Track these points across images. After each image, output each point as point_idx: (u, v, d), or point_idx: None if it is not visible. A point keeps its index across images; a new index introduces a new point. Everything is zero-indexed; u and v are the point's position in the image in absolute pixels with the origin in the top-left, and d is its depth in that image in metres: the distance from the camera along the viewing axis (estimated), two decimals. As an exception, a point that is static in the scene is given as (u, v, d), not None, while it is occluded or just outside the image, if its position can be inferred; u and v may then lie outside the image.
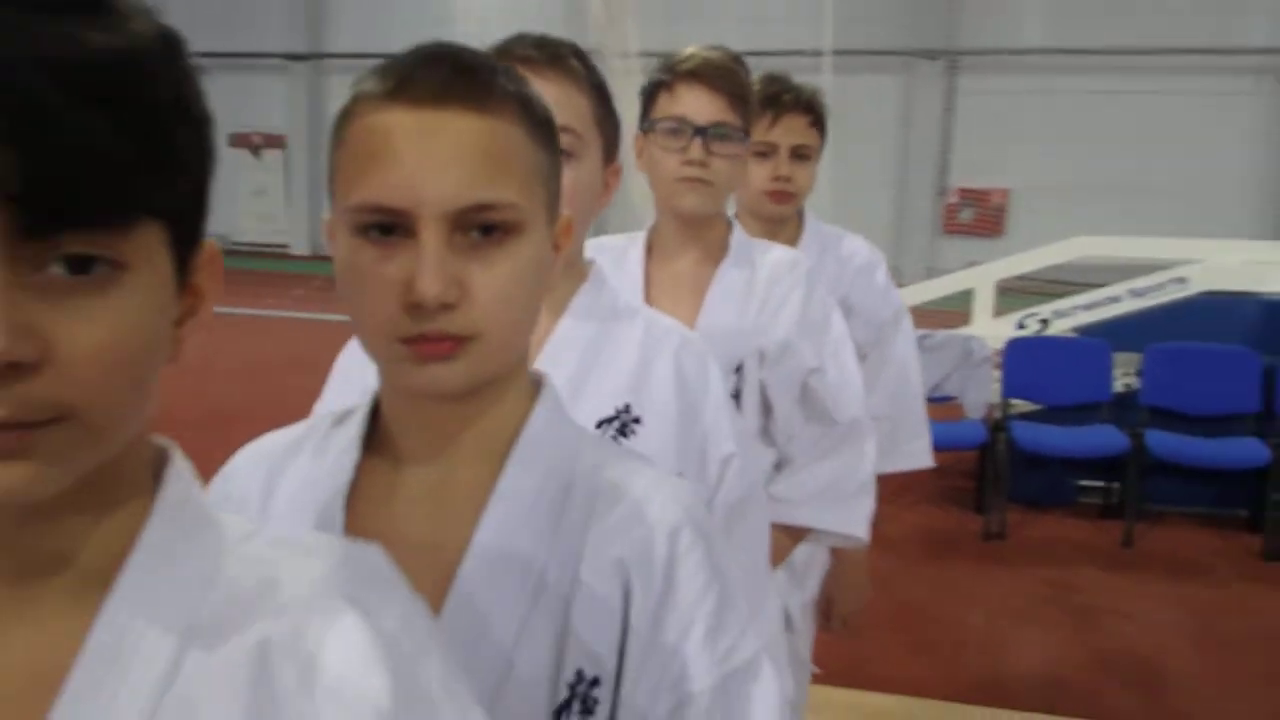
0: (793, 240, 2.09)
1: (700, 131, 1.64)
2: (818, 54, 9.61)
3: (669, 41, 7.71)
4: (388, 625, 0.62)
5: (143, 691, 0.57)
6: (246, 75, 17.05)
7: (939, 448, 2.39)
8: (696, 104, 1.65)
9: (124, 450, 0.59)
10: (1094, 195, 13.57)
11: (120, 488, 0.61)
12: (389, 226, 0.79)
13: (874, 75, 14.49)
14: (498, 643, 0.81)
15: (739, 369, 1.70)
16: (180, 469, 0.64)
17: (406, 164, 0.78)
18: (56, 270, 0.52)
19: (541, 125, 0.85)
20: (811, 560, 2.04)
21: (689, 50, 1.73)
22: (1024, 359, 5.39)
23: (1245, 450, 5.02)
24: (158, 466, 0.64)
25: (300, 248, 17.53)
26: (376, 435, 0.90)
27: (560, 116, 0.94)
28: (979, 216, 14.65)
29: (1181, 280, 5.73)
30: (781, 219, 2.11)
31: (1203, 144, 13.70)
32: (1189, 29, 13.57)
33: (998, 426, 5.20)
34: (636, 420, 1.24)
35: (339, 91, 1.86)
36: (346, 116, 0.83)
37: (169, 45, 0.56)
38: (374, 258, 0.80)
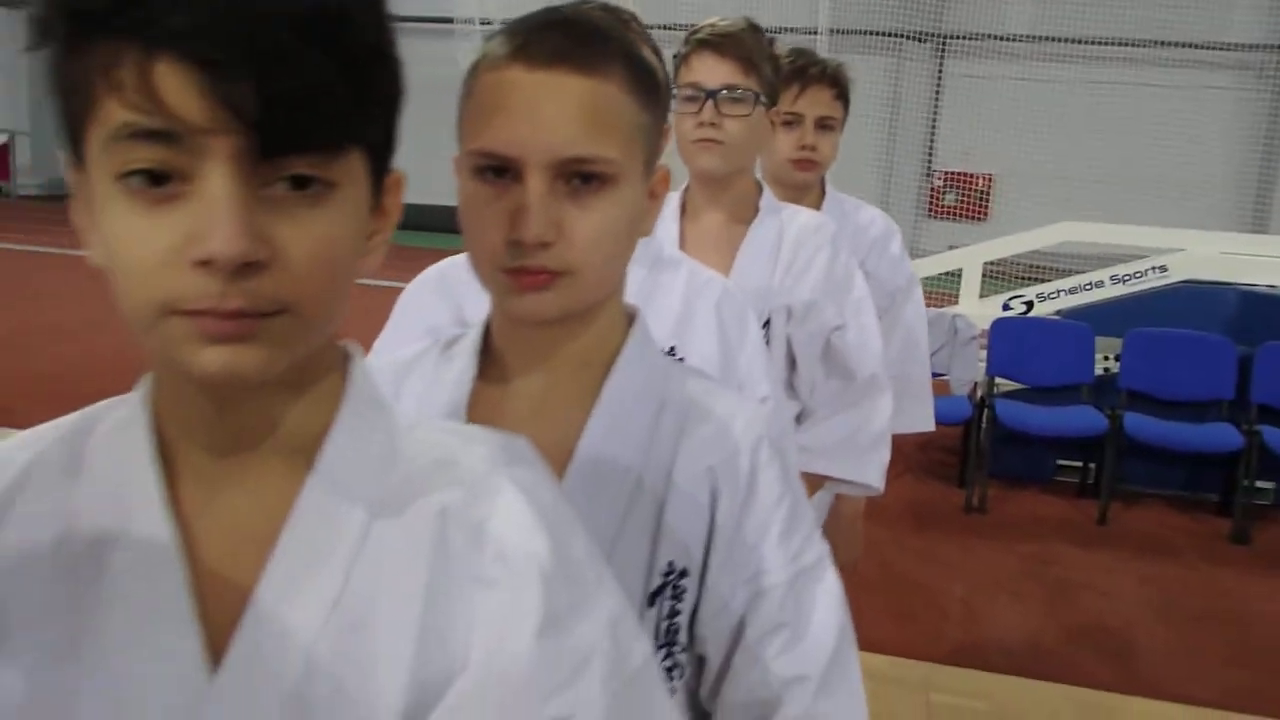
0: (814, 208, 2.18)
1: (711, 95, 1.73)
2: (812, 32, 9.67)
3: (668, 16, 7.82)
4: (544, 500, 0.71)
5: (341, 552, 0.67)
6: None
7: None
8: (706, 70, 1.74)
9: (322, 343, 0.68)
10: (1076, 183, 13.74)
11: (317, 375, 0.70)
12: (501, 170, 0.90)
13: (863, 56, 14.57)
14: (600, 536, 0.90)
15: (766, 324, 1.80)
16: (362, 364, 0.73)
17: (519, 119, 0.88)
18: (281, 187, 0.61)
19: (645, 86, 0.94)
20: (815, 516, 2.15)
21: (705, 22, 1.82)
22: (1009, 339, 5.51)
23: (1218, 435, 5.17)
24: (344, 362, 0.73)
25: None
26: (488, 356, 0.99)
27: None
28: (963, 200, 14.80)
29: (1162, 269, 5.88)
30: (805, 187, 2.20)
31: (1184, 137, 13.89)
32: (1174, 23, 13.72)
33: (982, 404, 5.33)
34: (681, 361, 1.34)
35: None
36: (474, 72, 0.93)
37: (372, 1, 0.65)
38: (487, 197, 0.90)
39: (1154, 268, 5.91)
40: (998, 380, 5.48)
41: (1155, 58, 13.99)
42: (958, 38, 14.90)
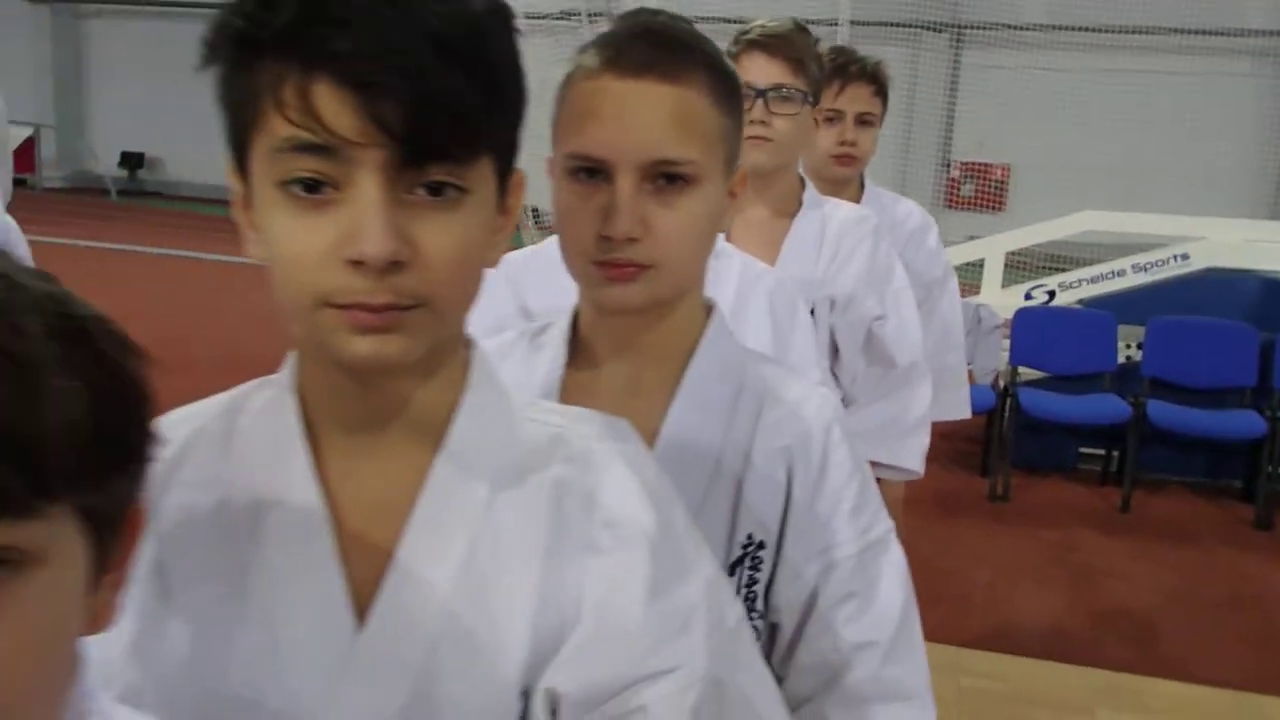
0: (854, 201, 2.25)
1: (761, 94, 1.79)
2: (832, 23, 9.69)
3: (689, 8, 7.84)
4: (647, 474, 0.78)
5: (469, 520, 0.74)
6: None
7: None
8: (757, 70, 1.81)
9: (453, 344, 0.76)
10: (1093, 172, 13.71)
11: (445, 361, 0.77)
12: (593, 171, 0.97)
13: (880, 46, 14.52)
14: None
15: (810, 313, 1.86)
16: (483, 352, 0.80)
17: (610, 124, 0.96)
18: (420, 193, 0.68)
19: (726, 92, 1.01)
20: None
21: (756, 22, 1.88)
22: (1032, 328, 5.56)
23: (1241, 422, 5.21)
24: (467, 348, 0.80)
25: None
26: (576, 344, 1.06)
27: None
28: (980, 191, 14.80)
29: (1184, 257, 5.91)
30: (846, 181, 2.27)
31: (1201, 124, 13.85)
32: (1189, 10, 13.67)
33: (1005, 393, 5.38)
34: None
35: None
36: (568, 81, 1.00)
37: (500, 15, 0.71)
38: (580, 196, 0.97)
39: (1176, 256, 5.95)
40: (1020, 369, 5.52)
41: (1171, 45, 13.95)
42: (974, 28, 14.88)
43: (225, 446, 0.78)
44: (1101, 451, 5.63)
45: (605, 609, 0.74)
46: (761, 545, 1.03)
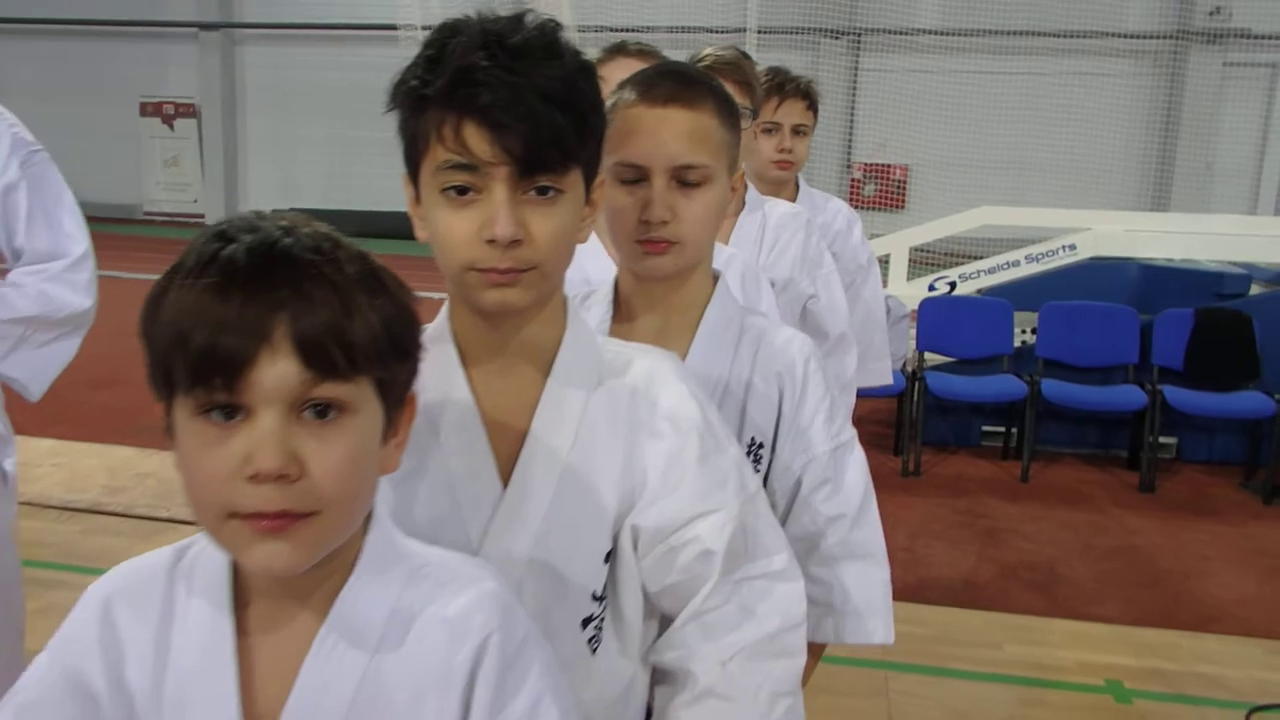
0: (791, 200, 2.62)
1: None
2: (740, 30, 10.14)
3: (602, 17, 8.25)
4: (692, 386, 1.15)
5: (573, 416, 1.10)
6: (158, 43, 16.99)
7: (862, 396, 2.93)
8: None
9: (555, 295, 1.11)
10: (987, 170, 14.38)
11: (549, 307, 1.13)
12: (634, 175, 1.33)
13: (783, 53, 15.07)
14: None
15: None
16: (575, 304, 1.15)
17: (646, 140, 1.33)
18: (532, 194, 1.04)
19: (729, 114, 1.39)
20: None
21: (705, 51, 2.25)
22: (936, 317, 6.02)
23: (1125, 396, 5.73)
24: (562, 298, 1.15)
25: (216, 217, 17.49)
26: (618, 304, 1.43)
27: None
28: (881, 190, 15.41)
29: (1072, 247, 6.45)
30: (783, 183, 2.64)
31: (1085, 122, 14.59)
32: (1073, 14, 14.41)
33: (913, 376, 5.83)
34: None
35: (251, 60, 2.21)
36: (614, 109, 1.35)
37: (586, 71, 1.06)
38: (625, 192, 1.34)
39: (1064, 246, 6.48)
40: (927, 354, 5.98)
41: (1055, 47, 14.68)
42: (871, 33, 15.47)
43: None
44: (1002, 428, 6.13)
45: (669, 472, 1.11)
46: (761, 446, 1.41)
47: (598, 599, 1.13)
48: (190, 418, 0.81)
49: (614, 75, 2.10)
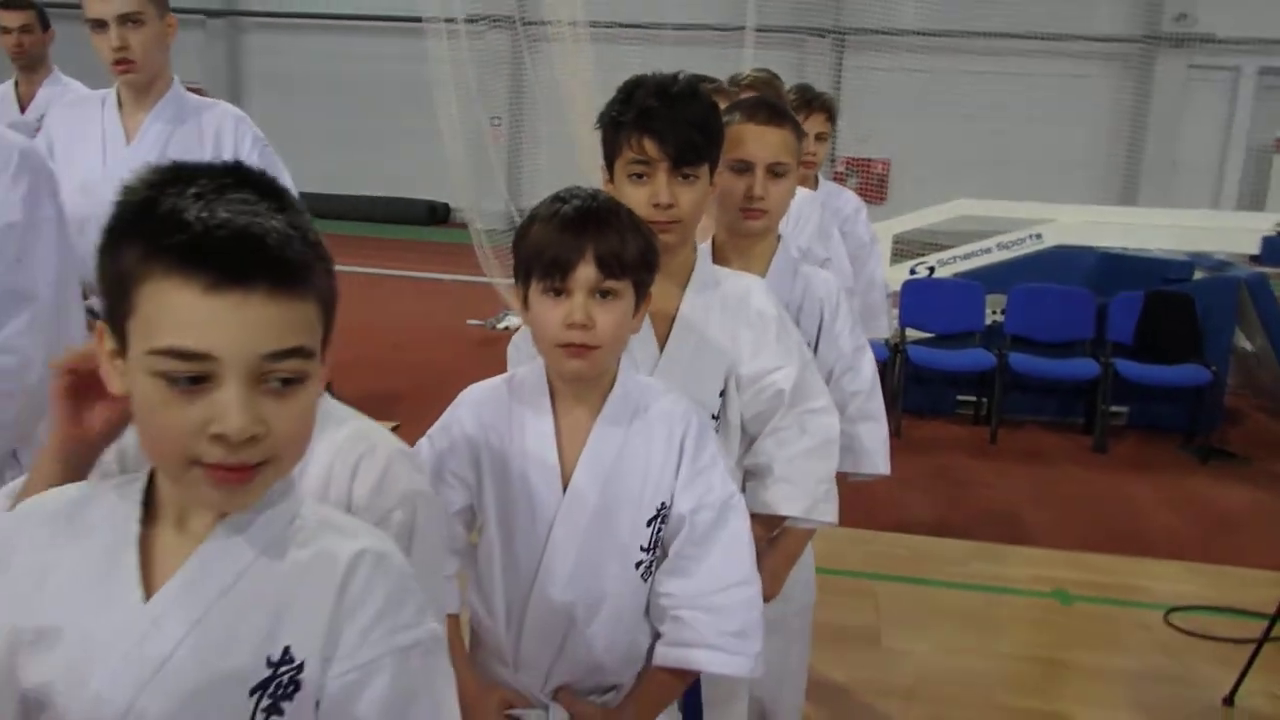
0: (812, 189, 3.34)
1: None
2: (740, 29, 10.81)
3: (613, 14, 8.98)
4: (771, 296, 1.89)
5: (703, 304, 1.83)
6: (162, 30, 17.51)
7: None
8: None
9: (689, 239, 1.82)
10: (963, 164, 15.08)
11: (690, 246, 1.83)
12: (743, 169, 2.04)
13: (770, 50, 15.72)
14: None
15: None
16: (705, 250, 1.87)
17: (750, 145, 2.05)
18: (679, 179, 1.77)
19: (798, 132, 2.13)
20: None
21: (747, 71, 2.97)
22: (916, 297, 6.76)
23: (1082, 368, 6.49)
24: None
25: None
26: (715, 250, 2.12)
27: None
28: (864, 184, 16.13)
29: (1038, 236, 7.19)
30: (807, 177, 3.36)
31: (1057, 120, 15.32)
32: (1047, 17, 15.12)
33: (896, 350, 6.55)
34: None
35: (255, 48, 2.85)
36: (729, 126, 2.01)
37: (714, 107, 1.79)
38: (735, 180, 2.05)
39: (1031, 235, 7.22)
40: (908, 331, 6.72)
41: (1030, 49, 15.37)
42: (854, 32, 16.16)
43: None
44: (974, 397, 6.86)
45: (759, 345, 1.84)
46: (807, 344, 2.10)
47: (714, 417, 1.86)
48: (539, 296, 1.51)
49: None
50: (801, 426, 1.92)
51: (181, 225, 0.90)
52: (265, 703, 0.96)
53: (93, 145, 2.77)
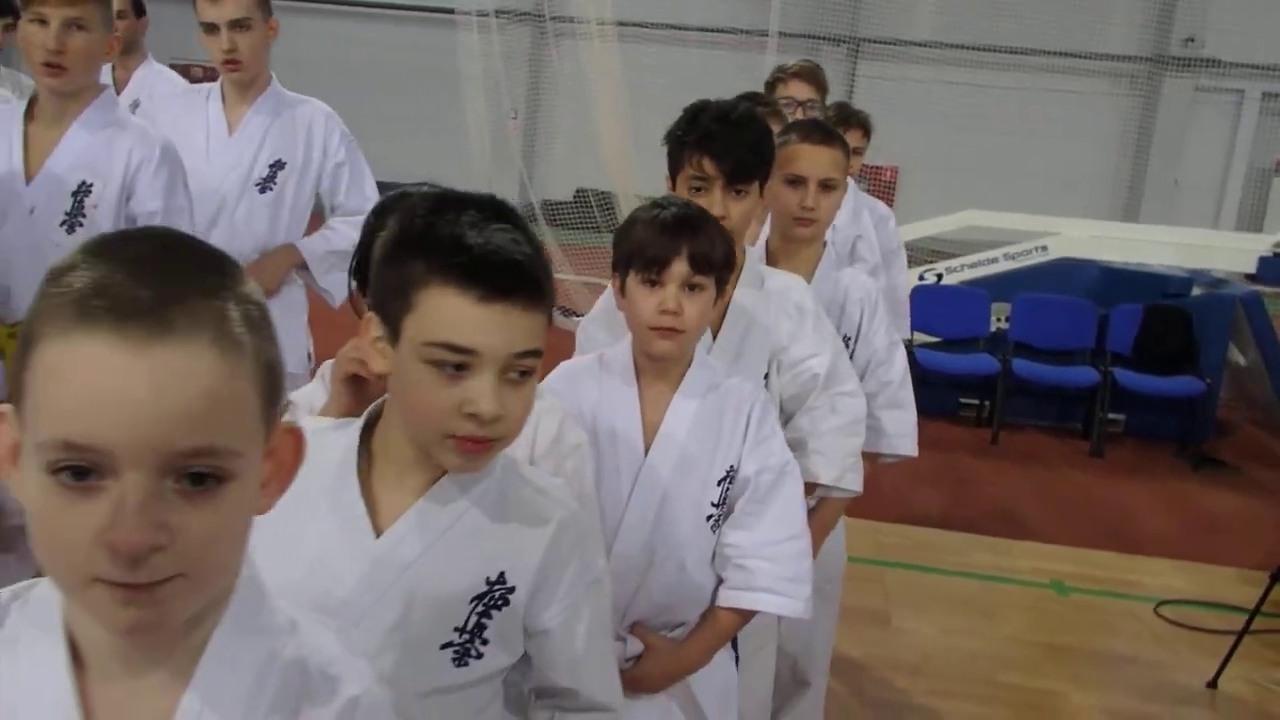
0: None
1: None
2: (763, 34, 11.04)
3: (639, 14, 9.27)
4: (810, 293, 2.16)
5: (749, 300, 2.07)
6: (186, 7, 17.67)
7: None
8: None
9: (738, 247, 2.08)
10: (969, 175, 15.32)
11: (739, 252, 2.08)
12: (796, 183, 2.31)
13: (785, 57, 15.97)
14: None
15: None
16: (752, 251, 2.12)
17: (804, 163, 2.33)
18: (732, 194, 2.03)
19: (846, 151, 2.39)
20: None
21: (793, 63, 3.25)
22: (924, 303, 6.97)
23: (1082, 376, 6.75)
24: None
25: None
26: (770, 257, 2.38)
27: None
28: (872, 190, 16.31)
29: (1044, 248, 7.44)
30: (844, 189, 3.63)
31: (1064, 135, 15.56)
32: (1059, 34, 15.36)
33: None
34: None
35: (280, 26, 3.06)
36: (782, 146, 2.27)
37: (768, 130, 2.06)
38: (790, 193, 2.33)
39: (1037, 247, 7.48)
40: (916, 334, 6.95)
41: (1042, 65, 15.59)
42: (869, 42, 16.39)
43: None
44: (976, 400, 7.12)
45: (797, 334, 2.10)
46: (849, 338, 2.38)
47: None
48: (636, 285, 1.77)
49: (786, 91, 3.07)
50: (833, 406, 2.19)
51: (463, 248, 1.14)
52: (480, 608, 1.24)
53: (197, 135, 3.01)
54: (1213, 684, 3.66)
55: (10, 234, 2.42)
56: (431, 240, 1.16)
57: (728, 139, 2.01)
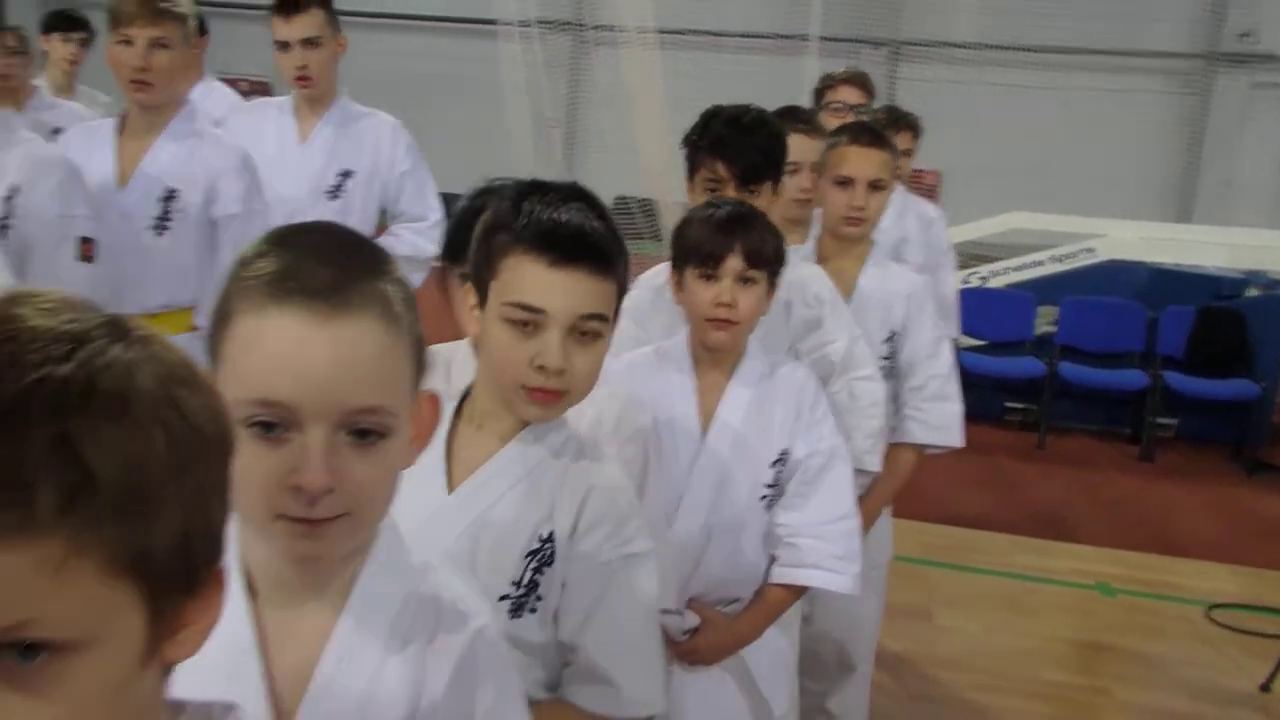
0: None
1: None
2: (804, 38, 11.03)
3: (681, 21, 9.29)
4: (829, 284, 2.19)
5: (779, 292, 2.08)
6: (233, 23, 17.99)
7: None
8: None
9: None
10: (1014, 177, 15.15)
11: None
12: (844, 184, 2.37)
13: (826, 59, 15.88)
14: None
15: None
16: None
17: (852, 164, 2.40)
18: (748, 194, 2.04)
19: (895, 153, 2.42)
20: None
21: (841, 70, 3.27)
22: (970, 305, 6.88)
23: (1131, 379, 6.66)
24: None
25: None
26: (819, 255, 2.39)
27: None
28: (914, 193, 16.24)
29: (1091, 250, 7.36)
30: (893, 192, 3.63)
31: (1113, 135, 15.34)
32: (1105, 33, 15.17)
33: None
34: None
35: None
36: (831, 148, 2.36)
37: (779, 134, 2.11)
38: (840, 191, 2.39)
39: (1083, 249, 7.39)
40: (961, 337, 6.89)
41: (1087, 64, 15.36)
42: (910, 44, 16.28)
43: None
44: (1022, 404, 7.04)
45: (813, 322, 2.13)
46: (895, 335, 2.42)
47: None
48: (693, 280, 1.83)
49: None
50: (850, 391, 2.25)
51: (539, 221, 1.30)
52: (533, 564, 1.34)
53: (268, 145, 3.16)
54: (1266, 687, 3.60)
55: (107, 238, 2.59)
56: (515, 217, 1.32)
57: (739, 143, 2.11)
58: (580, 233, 1.30)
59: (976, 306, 6.92)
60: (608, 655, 1.36)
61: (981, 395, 6.95)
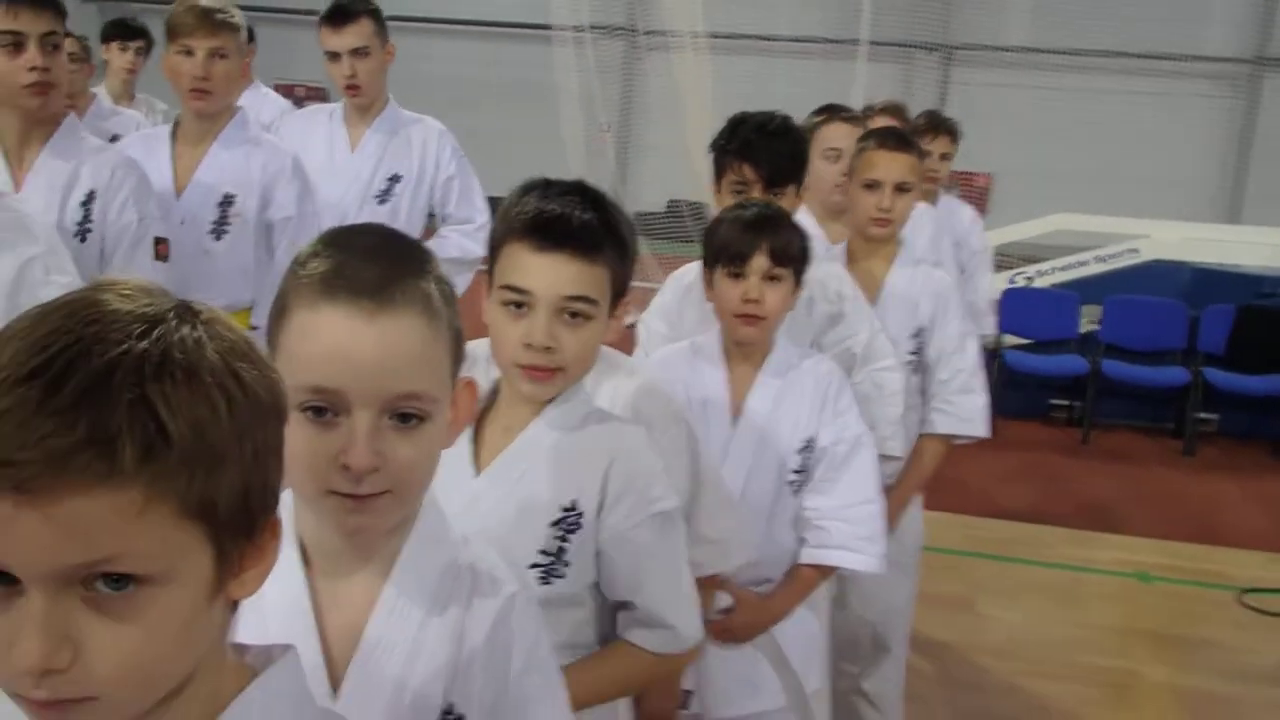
0: (933, 204, 3.79)
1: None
2: (854, 42, 11.17)
3: (731, 25, 9.53)
4: (851, 282, 2.42)
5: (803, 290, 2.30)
6: (289, 30, 18.43)
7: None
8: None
9: None
10: (1063, 179, 15.14)
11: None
12: (872, 187, 2.56)
13: (877, 64, 15.97)
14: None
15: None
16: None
17: (881, 168, 2.57)
18: (771, 195, 2.27)
19: (920, 157, 2.61)
20: None
21: (880, 101, 3.45)
22: (1015, 305, 7.10)
23: (1174, 376, 6.79)
24: None
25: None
26: (849, 256, 2.61)
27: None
28: (965, 196, 16.26)
29: (1135, 251, 7.49)
30: (929, 193, 3.80)
31: (1161, 139, 15.33)
32: (1155, 37, 15.15)
33: (993, 354, 6.91)
34: None
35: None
36: (859, 153, 2.58)
37: (803, 138, 2.35)
38: (867, 193, 2.58)
39: (1127, 250, 7.53)
40: (1006, 336, 7.06)
41: (1137, 68, 15.37)
42: (962, 48, 16.35)
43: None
44: (1066, 401, 7.19)
45: (835, 317, 2.36)
46: (923, 330, 2.61)
47: None
48: (723, 278, 2.02)
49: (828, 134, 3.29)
50: (873, 381, 2.42)
51: (529, 210, 1.42)
52: (559, 533, 1.45)
53: (319, 151, 3.32)
54: (1296, 668, 3.77)
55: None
56: (513, 208, 1.44)
57: (766, 147, 2.26)
58: (563, 220, 1.39)
59: (1022, 306, 7.12)
60: (662, 604, 1.50)
61: (1027, 393, 7.14)
